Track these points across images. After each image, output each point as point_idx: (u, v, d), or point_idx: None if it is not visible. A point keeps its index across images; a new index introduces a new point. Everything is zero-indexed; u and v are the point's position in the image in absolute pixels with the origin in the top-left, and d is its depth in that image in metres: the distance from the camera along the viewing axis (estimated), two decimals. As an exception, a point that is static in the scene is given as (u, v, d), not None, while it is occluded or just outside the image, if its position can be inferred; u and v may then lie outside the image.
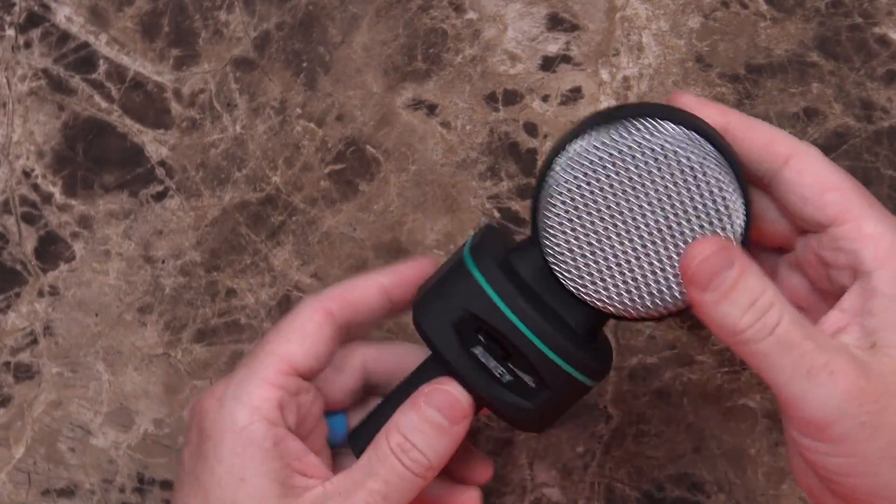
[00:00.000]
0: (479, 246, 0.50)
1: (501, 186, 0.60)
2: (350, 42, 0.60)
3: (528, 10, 0.60)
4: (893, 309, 0.46)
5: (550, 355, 0.48)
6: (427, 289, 0.51)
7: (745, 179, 0.48)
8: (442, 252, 0.60)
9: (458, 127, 0.60)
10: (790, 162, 0.48)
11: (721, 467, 0.60)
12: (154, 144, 0.61)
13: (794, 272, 0.51)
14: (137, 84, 0.61)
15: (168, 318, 0.61)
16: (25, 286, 0.62)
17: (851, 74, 0.58)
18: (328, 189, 0.61)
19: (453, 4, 0.60)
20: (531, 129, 0.60)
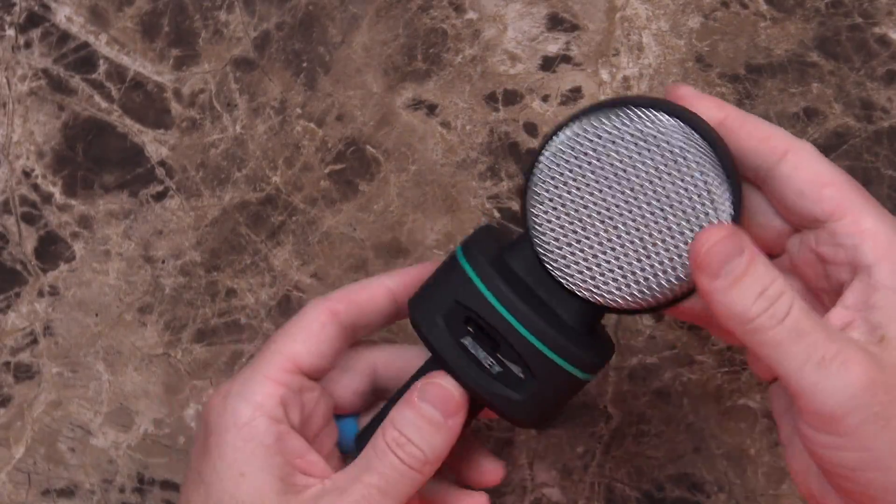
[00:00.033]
0: (472, 242, 0.51)
1: (501, 186, 0.60)
2: (350, 42, 0.60)
3: (528, 10, 0.60)
4: None
5: (535, 343, 0.48)
6: (421, 286, 0.51)
7: (736, 170, 0.47)
8: (442, 252, 0.60)
9: (458, 127, 0.60)
10: (787, 157, 0.48)
11: (721, 467, 0.60)
12: (154, 144, 0.61)
13: (786, 276, 0.51)
14: (137, 84, 0.61)
15: (168, 318, 0.61)
16: (25, 286, 0.62)
17: (851, 74, 0.58)
18: (328, 189, 0.61)
19: (453, 4, 0.60)
20: (531, 129, 0.60)
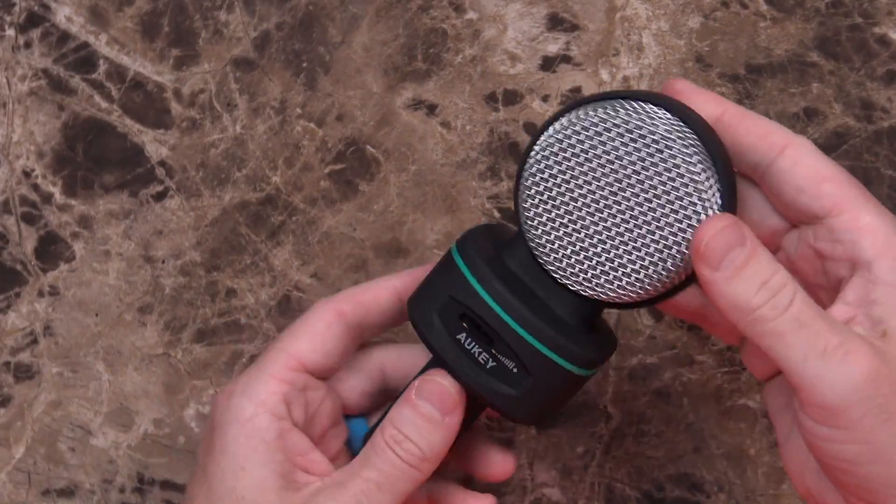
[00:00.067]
0: (467, 239, 0.51)
1: (501, 186, 0.60)
2: (350, 42, 0.60)
3: (528, 10, 0.60)
4: None
5: (528, 338, 0.48)
6: (419, 285, 0.52)
7: (728, 161, 0.47)
8: (442, 252, 0.60)
9: (458, 127, 0.60)
10: (785, 152, 0.48)
11: (721, 467, 0.60)
12: (154, 144, 0.61)
13: None
14: (137, 84, 0.61)
15: (168, 318, 0.61)
16: (25, 286, 0.62)
17: (851, 74, 0.58)
18: (328, 189, 0.61)
19: (453, 4, 0.60)
20: (531, 129, 0.60)
